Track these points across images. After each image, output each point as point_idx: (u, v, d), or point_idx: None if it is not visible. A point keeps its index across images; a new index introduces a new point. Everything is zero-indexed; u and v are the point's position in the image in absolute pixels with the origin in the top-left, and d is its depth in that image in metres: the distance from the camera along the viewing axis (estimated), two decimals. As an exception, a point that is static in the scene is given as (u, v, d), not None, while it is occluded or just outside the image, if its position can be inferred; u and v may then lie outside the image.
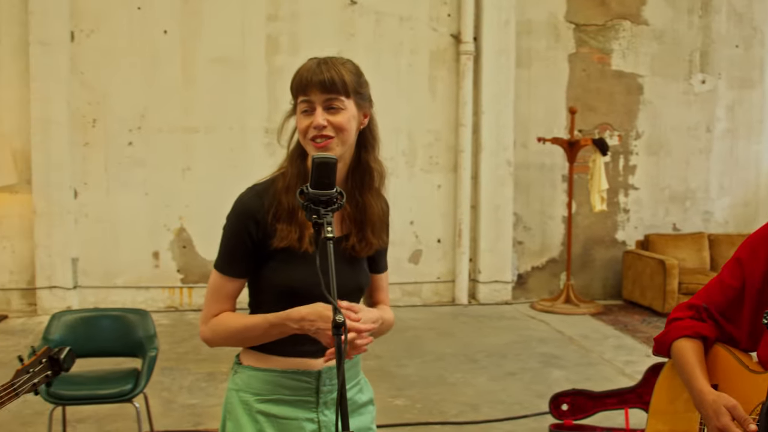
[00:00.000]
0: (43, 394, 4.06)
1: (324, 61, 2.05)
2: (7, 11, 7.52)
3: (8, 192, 7.62)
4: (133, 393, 4.16)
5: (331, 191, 1.82)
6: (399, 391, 5.44)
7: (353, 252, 2.13)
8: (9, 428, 4.79)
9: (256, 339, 2.05)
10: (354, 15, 7.82)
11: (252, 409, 2.08)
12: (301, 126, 2.04)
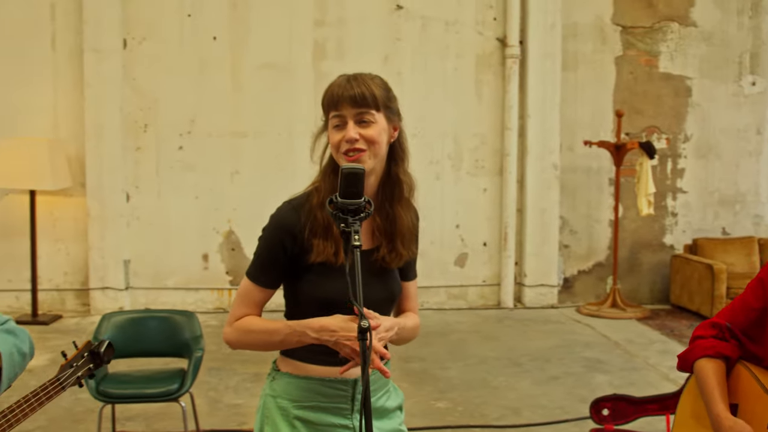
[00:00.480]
0: (92, 392, 4.21)
1: (354, 77, 2.12)
2: (63, 20, 7.74)
3: (63, 195, 7.84)
4: (179, 392, 4.27)
5: (359, 201, 1.88)
6: (441, 394, 5.48)
7: (384, 263, 2.18)
8: (62, 425, 4.95)
9: (275, 345, 2.13)
10: (400, 20, 7.88)
11: (289, 415, 2.15)
12: (333, 140, 2.10)
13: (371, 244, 2.19)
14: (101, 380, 4.31)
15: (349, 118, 2.09)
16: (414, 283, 2.37)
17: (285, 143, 7.86)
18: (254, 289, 2.17)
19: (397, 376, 5.79)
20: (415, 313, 2.36)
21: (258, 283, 2.17)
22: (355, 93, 2.08)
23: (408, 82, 7.91)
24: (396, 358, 6.24)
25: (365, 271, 2.07)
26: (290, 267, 2.14)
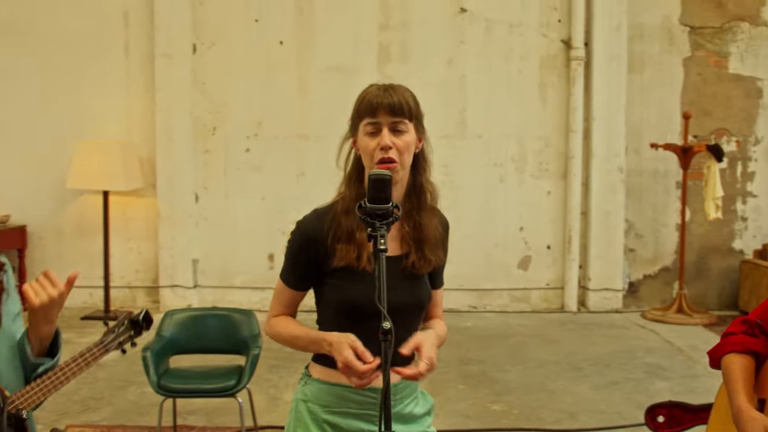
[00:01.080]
0: (154, 387, 4.35)
1: (389, 86, 2.20)
2: (136, 26, 7.99)
3: (135, 196, 8.09)
4: (236, 388, 4.38)
5: (386, 205, 1.93)
6: (497, 397, 5.49)
7: (413, 269, 2.24)
8: (127, 417, 5.13)
9: (301, 348, 2.23)
10: (464, 23, 7.90)
11: (320, 420, 2.22)
12: (368, 147, 2.17)
13: (400, 251, 2.25)
14: (162, 375, 4.45)
15: (384, 126, 2.15)
16: (441, 291, 2.43)
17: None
18: (285, 290, 2.28)
19: (454, 377, 5.85)
20: (441, 319, 2.41)
21: (287, 285, 2.28)
22: (393, 101, 2.16)
23: (471, 84, 7.93)
24: (454, 360, 6.30)
25: (395, 277, 2.14)
26: (315, 272, 2.23)
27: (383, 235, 1.91)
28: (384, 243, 1.90)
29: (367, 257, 2.15)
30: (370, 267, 2.12)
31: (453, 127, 7.97)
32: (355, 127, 2.24)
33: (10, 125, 8.08)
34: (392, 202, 1.95)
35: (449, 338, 7.06)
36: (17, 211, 8.02)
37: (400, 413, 2.24)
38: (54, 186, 7.98)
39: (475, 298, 8.08)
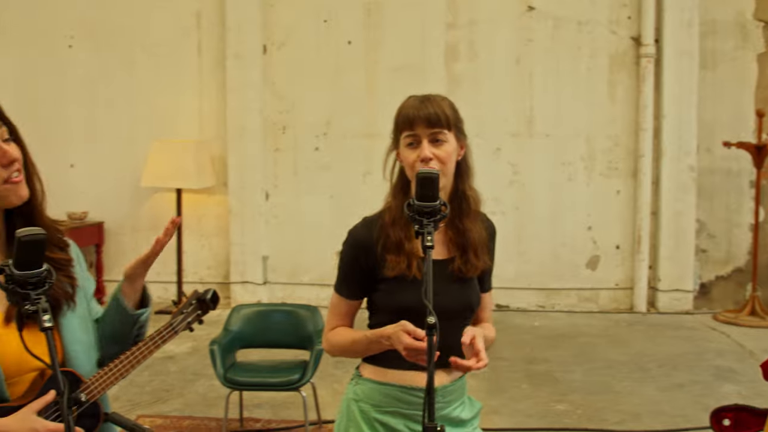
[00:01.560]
0: (221, 379, 4.49)
1: (426, 98, 2.25)
2: (208, 28, 8.18)
3: (207, 194, 8.28)
4: (300, 383, 4.49)
5: (434, 203, 1.96)
6: (562, 396, 5.47)
7: (461, 273, 2.28)
8: (195, 408, 5.28)
9: (361, 352, 2.28)
10: (532, 21, 7.87)
11: (371, 419, 2.27)
12: (408, 160, 2.21)
13: (446, 255, 2.29)
14: (229, 368, 4.58)
15: (423, 138, 2.20)
16: (489, 294, 2.45)
17: (416, 144, 7.98)
18: (339, 301, 2.34)
19: (519, 377, 5.85)
20: (490, 323, 2.44)
21: (342, 295, 2.34)
22: (429, 113, 2.20)
23: (539, 83, 7.89)
24: (520, 359, 6.30)
25: (443, 280, 2.18)
26: (367, 280, 2.28)
27: (430, 233, 1.93)
28: (431, 240, 1.92)
29: (417, 265, 2.20)
30: (420, 274, 2.17)
31: (521, 126, 7.94)
32: (397, 139, 2.28)
33: (91, 125, 8.37)
34: (440, 199, 1.97)
35: (515, 337, 7.09)
36: (95, 208, 8.30)
37: (447, 416, 2.28)
38: (130, 184, 8.24)
39: (542, 297, 8.05)
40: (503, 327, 7.32)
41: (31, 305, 1.50)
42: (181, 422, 4.98)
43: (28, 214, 1.84)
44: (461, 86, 7.95)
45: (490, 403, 5.32)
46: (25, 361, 1.71)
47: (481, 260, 2.30)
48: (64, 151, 8.27)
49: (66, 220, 7.94)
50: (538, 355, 6.48)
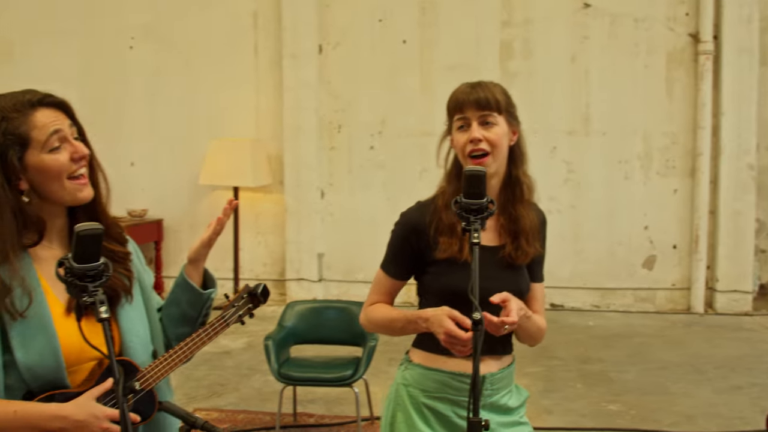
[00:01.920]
0: (275, 374, 4.56)
1: (478, 83, 2.26)
2: (264, 28, 8.29)
3: (264, 192, 8.40)
4: (352, 379, 4.54)
5: (481, 201, 1.98)
6: (615, 397, 5.43)
7: (511, 260, 2.29)
8: (251, 403, 5.37)
9: (397, 331, 2.30)
10: (587, 18, 7.81)
11: (419, 404, 2.30)
12: (459, 142, 2.24)
13: (498, 242, 2.31)
14: (283, 363, 4.65)
15: (473, 120, 2.23)
16: (540, 285, 2.45)
17: (471, 143, 7.99)
18: (384, 278, 2.37)
19: (573, 376, 5.83)
20: (541, 315, 2.44)
21: (388, 274, 2.37)
22: (479, 96, 2.23)
23: (595, 80, 7.83)
24: (574, 359, 6.27)
25: (493, 267, 2.21)
26: (416, 261, 2.31)
27: (477, 230, 1.96)
28: (477, 237, 1.95)
29: (468, 249, 2.21)
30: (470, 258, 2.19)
31: (576, 123, 7.89)
32: (450, 126, 2.31)
33: (151, 124, 8.55)
34: (487, 197, 1.99)
35: (569, 337, 7.05)
36: (154, 205, 8.48)
37: (495, 404, 2.30)
38: (188, 182, 8.40)
39: (597, 297, 7.99)
40: (558, 326, 7.29)
41: (89, 297, 1.57)
42: (236, 416, 5.07)
43: (90, 211, 1.92)
44: (516, 84, 7.91)
45: (543, 402, 5.32)
46: (84, 350, 1.78)
47: (532, 247, 2.32)
48: (125, 150, 8.46)
49: (126, 217, 8.13)
50: (592, 354, 6.44)
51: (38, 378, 1.74)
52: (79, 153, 1.84)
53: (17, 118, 1.79)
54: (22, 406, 1.70)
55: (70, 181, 1.83)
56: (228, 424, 4.89)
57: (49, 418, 1.69)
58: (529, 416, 4.85)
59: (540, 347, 6.56)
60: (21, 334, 1.73)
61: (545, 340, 6.67)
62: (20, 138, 1.79)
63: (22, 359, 1.73)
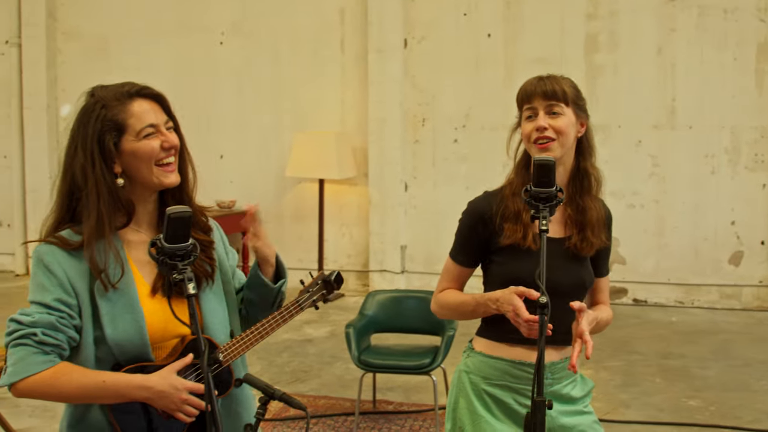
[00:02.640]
0: (355, 361, 4.70)
1: (546, 76, 2.36)
2: (351, 23, 8.45)
3: (348, 184, 8.56)
4: (431, 367, 4.64)
5: (550, 189, 2.05)
6: (695, 392, 5.40)
7: (576, 251, 2.36)
8: (331, 389, 5.53)
9: (468, 314, 2.39)
10: (675, 10, 7.70)
11: (480, 391, 2.39)
12: (525, 131, 2.33)
13: (564, 233, 2.38)
14: (363, 351, 4.78)
15: (540, 109, 2.31)
16: (606, 279, 2.51)
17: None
18: (453, 266, 2.47)
19: (653, 371, 5.81)
20: (607, 305, 2.49)
21: (456, 261, 2.46)
22: (546, 88, 2.33)
23: (682, 73, 7.72)
24: (654, 354, 6.24)
25: (558, 257, 2.28)
26: (482, 249, 2.40)
27: (545, 217, 2.03)
28: (546, 224, 2.02)
29: (532, 236, 2.30)
30: (535, 245, 2.28)
31: (662, 117, 7.80)
32: (519, 116, 2.39)
33: (239, 118, 8.82)
34: (556, 185, 2.06)
35: (651, 332, 6.99)
36: (242, 197, 8.73)
37: (557, 392, 2.36)
38: (275, 174, 8.63)
39: (682, 293, 7.88)
40: (640, 322, 7.25)
41: (179, 274, 1.72)
42: (317, 401, 5.23)
43: (179, 198, 2.08)
44: (601, 77, 7.89)
45: (621, 396, 5.32)
46: (168, 329, 1.95)
47: (598, 239, 2.37)
48: (214, 143, 8.75)
49: (215, 208, 8.40)
50: (674, 350, 6.38)
51: (125, 352, 1.90)
52: (169, 142, 1.99)
53: (116, 107, 1.95)
54: (111, 376, 1.85)
55: (158, 168, 1.98)
56: (309, 409, 5.05)
57: (135, 387, 1.84)
58: (605, 409, 4.91)
59: (620, 342, 6.57)
60: (110, 312, 1.89)
61: (626, 335, 6.69)
62: (117, 125, 1.95)
63: (111, 335, 1.89)
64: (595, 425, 2.43)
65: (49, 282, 1.88)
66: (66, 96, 9.50)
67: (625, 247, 7.81)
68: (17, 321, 1.86)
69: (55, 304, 1.86)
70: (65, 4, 9.42)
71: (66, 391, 1.83)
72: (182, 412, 1.87)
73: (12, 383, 1.83)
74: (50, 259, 1.90)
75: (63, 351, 1.86)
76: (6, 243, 9.83)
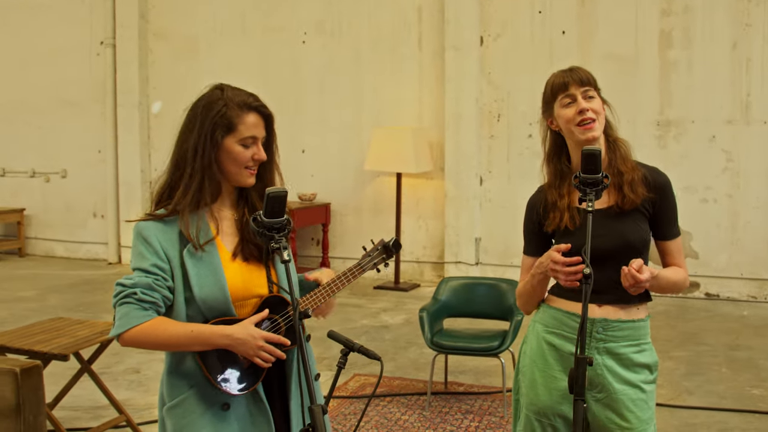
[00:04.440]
0: (428, 342, 4.98)
1: (572, 68, 2.63)
2: (428, 21, 8.72)
3: (425, 178, 8.84)
4: (500, 349, 4.88)
5: (597, 175, 2.32)
6: (760, 382, 5.50)
7: (619, 209, 2.58)
8: (407, 371, 5.81)
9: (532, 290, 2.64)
10: (750, 5, 7.73)
11: (541, 337, 2.65)
12: (567, 116, 2.56)
13: (606, 203, 2.61)
14: (436, 333, 5.06)
15: (578, 95, 2.56)
16: (675, 241, 2.68)
17: (628, 132, 8.05)
18: (525, 258, 2.74)
19: (720, 361, 5.94)
20: (683, 267, 2.67)
21: (526, 253, 2.74)
22: (580, 75, 2.59)
23: (757, 69, 7.75)
24: (722, 345, 6.34)
25: (602, 226, 2.51)
26: (540, 237, 2.68)
27: (591, 200, 2.31)
28: (591, 206, 2.30)
29: (568, 216, 2.57)
30: (572, 224, 2.56)
31: (736, 112, 7.84)
32: (550, 106, 2.62)
33: (320, 114, 9.19)
34: (602, 172, 2.32)
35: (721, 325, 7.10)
36: (323, 190, 9.10)
37: (612, 350, 2.56)
38: (354, 168, 8.97)
39: (755, 287, 7.92)
40: (710, 315, 7.34)
41: (275, 243, 2.06)
42: (392, 382, 5.52)
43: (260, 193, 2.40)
44: (675, 73, 7.98)
45: (685, 383, 5.47)
46: (248, 288, 2.29)
47: (635, 193, 2.57)
48: (297, 138, 9.13)
49: (297, 201, 8.78)
50: (742, 342, 6.47)
51: (211, 309, 2.24)
52: (258, 157, 2.33)
53: (235, 110, 2.29)
54: (198, 327, 2.20)
55: (245, 170, 2.32)
56: (384, 389, 5.35)
57: (218, 335, 2.18)
58: (669, 396, 5.08)
59: (689, 333, 6.72)
60: (197, 274, 2.23)
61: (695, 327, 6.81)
62: (230, 125, 2.29)
63: (198, 294, 2.23)
64: (640, 403, 2.57)
65: (147, 251, 2.23)
66: (157, 93, 10.04)
67: (698, 242, 7.89)
68: (122, 284, 2.22)
69: (152, 269, 2.21)
70: (156, 6, 9.94)
71: (162, 339, 2.18)
72: (259, 358, 2.19)
73: (119, 334, 2.19)
74: (147, 232, 2.25)
75: (159, 308, 2.21)
76: (100, 233, 10.43)
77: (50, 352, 4.00)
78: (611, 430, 2.56)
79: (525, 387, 2.67)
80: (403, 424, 4.78)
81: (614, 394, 2.55)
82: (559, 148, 2.66)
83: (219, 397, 2.25)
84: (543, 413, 2.61)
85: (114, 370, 5.73)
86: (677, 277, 2.64)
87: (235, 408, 2.27)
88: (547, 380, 2.61)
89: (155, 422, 4.76)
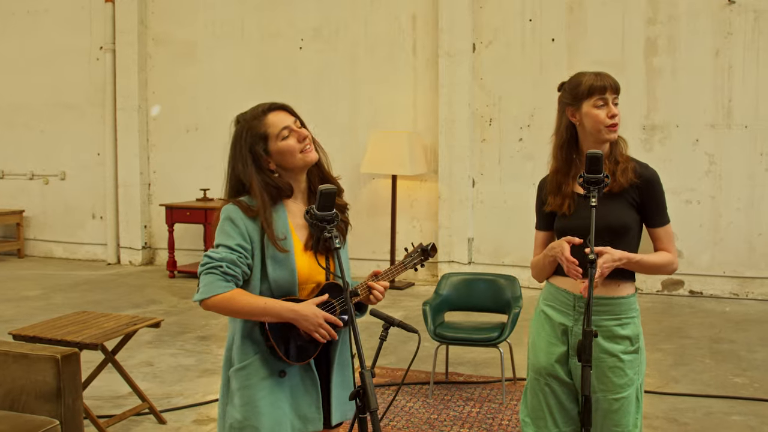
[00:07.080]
0: (431, 334, 5.26)
1: (603, 73, 2.92)
2: (422, 29, 9.03)
3: (419, 180, 9.14)
4: (498, 340, 5.18)
5: (599, 175, 2.67)
6: (741, 372, 5.82)
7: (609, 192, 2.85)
8: (408, 364, 6.08)
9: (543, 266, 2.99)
10: (732, 14, 8.08)
11: (539, 308, 3.07)
12: (599, 117, 2.86)
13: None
14: (438, 325, 5.35)
15: (610, 101, 2.88)
16: (663, 228, 2.96)
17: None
18: (537, 233, 3.10)
19: (703, 353, 6.26)
20: (671, 253, 2.96)
21: (537, 228, 3.10)
22: (615, 82, 2.92)
23: (738, 75, 8.10)
24: (706, 339, 6.67)
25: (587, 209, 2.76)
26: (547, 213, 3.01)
27: (594, 196, 2.66)
28: (595, 201, 2.65)
29: (568, 204, 2.91)
30: (569, 209, 2.90)
31: (719, 117, 8.18)
32: (579, 102, 2.90)
33: (317, 117, 9.41)
34: (603, 172, 2.67)
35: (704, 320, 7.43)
36: (321, 191, 9.35)
37: (596, 325, 2.87)
38: (351, 170, 9.23)
39: (736, 285, 8.26)
40: (693, 311, 7.67)
41: (327, 233, 2.39)
42: (395, 372, 5.81)
43: (320, 173, 2.74)
44: (660, 79, 8.31)
45: (672, 373, 5.78)
46: (312, 275, 2.62)
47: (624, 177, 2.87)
48: (295, 141, 9.37)
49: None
50: (724, 336, 6.80)
51: (280, 288, 2.57)
52: (301, 135, 2.64)
53: (256, 124, 2.63)
54: (270, 301, 2.52)
55: (302, 153, 2.63)
56: (388, 379, 5.63)
57: (286, 310, 2.50)
58: (657, 384, 5.38)
59: (674, 328, 7.03)
60: (273, 258, 2.56)
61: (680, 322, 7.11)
62: (261, 135, 2.62)
63: (272, 275, 2.55)
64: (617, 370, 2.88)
65: (233, 231, 2.54)
66: (155, 98, 10.28)
67: (682, 242, 8.22)
68: (209, 256, 2.53)
69: (237, 247, 2.53)
70: (155, 12, 10.20)
71: (238, 308, 2.49)
72: (318, 333, 2.52)
73: (202, 299, 2.50)
74: (235, 215, 2.57)
75: (238, 281, 2.53)
76: (99, 234, 10.66)
77: (82, 342, 4.26)
78: (593, 390, 2.86)
79: (530, 350, 3.05)
80: (408, 410, 5.06)
81: (595, 361, 2.84)
82: (572, 138, 2.96)
83: (278, 365, 2.58)
84: (541, 372, 2.97)
85: (128, 363, 5.97)
86: (661, 260, 2.94)
87: (290, 376, 2.60)
88: (545, 345, 2.97)
89: (174, 410, 5.04)
